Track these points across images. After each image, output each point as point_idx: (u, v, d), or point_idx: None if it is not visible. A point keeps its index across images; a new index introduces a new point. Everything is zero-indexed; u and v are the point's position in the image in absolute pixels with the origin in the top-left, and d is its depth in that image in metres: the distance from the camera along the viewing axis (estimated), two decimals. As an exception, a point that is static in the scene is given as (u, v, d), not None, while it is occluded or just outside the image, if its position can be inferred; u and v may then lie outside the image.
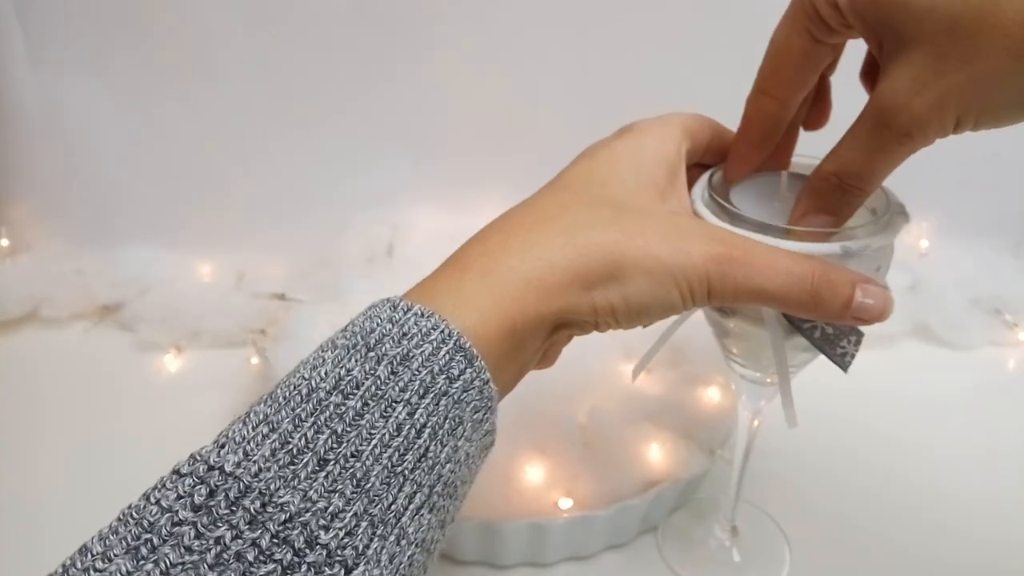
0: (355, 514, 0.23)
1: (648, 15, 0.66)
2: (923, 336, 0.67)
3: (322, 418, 0.24)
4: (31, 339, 0.67)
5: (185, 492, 0.22)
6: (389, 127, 0.71)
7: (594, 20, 0.66)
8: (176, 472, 0.23)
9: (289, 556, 0.21)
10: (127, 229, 0.72)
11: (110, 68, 0.67)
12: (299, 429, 0.23)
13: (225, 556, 0.21)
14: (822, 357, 0.34)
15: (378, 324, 0.26)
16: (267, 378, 0.56)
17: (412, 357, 0.25)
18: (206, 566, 0.21)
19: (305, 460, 0.23)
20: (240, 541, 0.21)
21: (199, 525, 0.21)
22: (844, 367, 0.32)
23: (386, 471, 0.24)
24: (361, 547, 0.22)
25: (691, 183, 0.34)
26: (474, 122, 0.71)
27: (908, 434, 0.56)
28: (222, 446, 0.23)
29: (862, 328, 0.32)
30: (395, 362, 0.25)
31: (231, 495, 0.22)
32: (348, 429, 0.24)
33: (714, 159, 0.35)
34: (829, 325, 0.31)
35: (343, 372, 0.25)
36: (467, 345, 0.26)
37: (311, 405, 0.24)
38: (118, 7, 0.65)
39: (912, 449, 0.55)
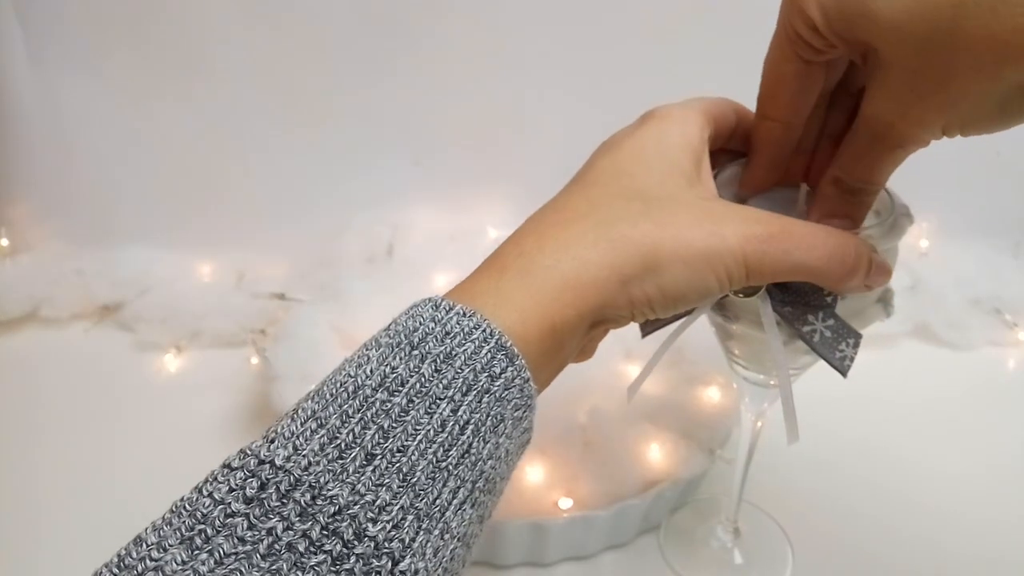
0: (402, 507, 0.23)
1: (649, 15, 0.66)
2: (923, 336, 0.67)
3: (368, 414, 0.24)
4: (31, 339, 0.67)
5: (237, 485, 0.23)
6: (389, 127, 0.71)
7: (594, 20, 0.66)
8: (227, 466, 0.23)
9: (339, 547, 0.22)
10: (127, 229, 0.72)
11: (110, 68, 0.67)
12: (346, 425, 0.24)
13: (277, 547, 0.22)
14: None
15: (421, 323, 0.27)
16: (267, 378, 0.56)
17: (455, 355, 0.26)
18: (259, 556, 0.21)
19: (353, 455, 0.23)
20: (291, 532, 0.22)
21: (251, 517, 0.22)
22: (843, 371, 0.32)
23: (431, 466, 0.24)
24: (407, 540, 0.23)
25: (715, 168, 0.34)
26: (474, 122, 0.71)
27: (908, 434, 0.56)
28: (271, 441, 0.24)
29: (861, 331, 0.32)
30: (438, 360, 0.26)
31: (282, 488, 0.22)
32: (394, 425, 0.24)
33: (741, 144, 0.35)
34: (827, 328, 0.31)
35: (388, 370, 0.25)
36: (508, 344, 0.26)
37: (357, 402, 0.25)
38: (118, 7, 0.65)
39: (913, 449, 0.55)
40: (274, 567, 0.21)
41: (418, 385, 0.25)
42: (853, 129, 0.30)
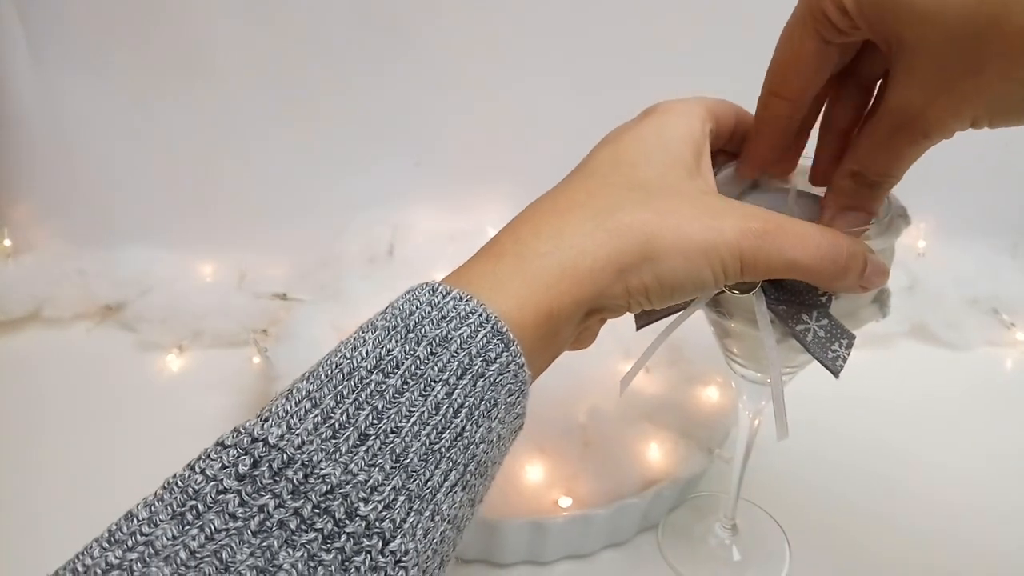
0: (393, 488, 0.23)
1: (649, 15, 0.66)
2: (921, 336, 0.67)
3: (363, 395, 0.25)
4: (33, 339, 0.67)
5: (230, 462, 0.23)
6: (389, 127, 0.71)
7: (594, 20, 0.67)
8: (220, 444, 0.23)
9: (330, 526, 0.22)
10: (128, 229, 0.72)
11: (111, 68, 0.67)
12: (341, 405, 0.24)
13: (268, 524, 0.22)
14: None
15: (417, 307, 0.27)
16: (269, 378, 0.56)
17: (451, 339, 0.26)
18: (250, 532, 0.22)
19: (346, 435, 0.24)
20: (283, 510, 0.22)
21: (243, 493, 0.22)
22: (835, 371, 0.32)
23: (424, 448, 0.24)
24: (398, 520, 0.23)
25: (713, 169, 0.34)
26: (474, 122, 0.71)
27: (906, 433, 0.57)
28: (265, 420, 0.24)
29: (856, 331, 0.32)
30: (434, 343, 0.26)
31: (275, 466, 0.23)
32: (388, 406, 0.24)
33: (737, 146, 0.35)
34: (821, 328, 0.32)
35: (383, 352, 0.25)
36: (504, 329, 0.26)
37: (352, 383, 0.25)
38: (119, 7, 0.65)
39: (910, 448, 0.55)
40: (265, 543, 0.22)
41: (413, 367, 0.25)
42: (873, 121, 0.30)
